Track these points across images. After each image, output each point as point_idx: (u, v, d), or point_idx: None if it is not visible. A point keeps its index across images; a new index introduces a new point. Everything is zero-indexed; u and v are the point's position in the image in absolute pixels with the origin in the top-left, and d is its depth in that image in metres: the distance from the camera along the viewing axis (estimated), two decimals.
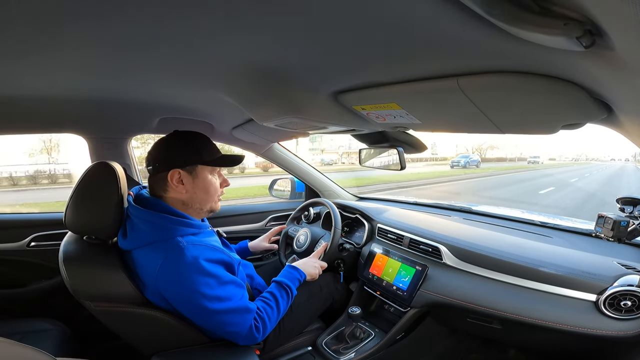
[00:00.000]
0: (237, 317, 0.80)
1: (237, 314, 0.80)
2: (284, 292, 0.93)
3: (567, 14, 0.32)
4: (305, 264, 1.07)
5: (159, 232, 0.79)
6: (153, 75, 0.76)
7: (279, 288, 0.94)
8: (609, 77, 0.44)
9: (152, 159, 0.85)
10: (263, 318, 0.85)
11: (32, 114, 1.06)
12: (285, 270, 1.01)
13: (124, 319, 0.79)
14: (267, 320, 0.86)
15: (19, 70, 0.70)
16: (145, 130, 1.38)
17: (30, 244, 1.31)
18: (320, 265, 1.10)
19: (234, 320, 0.80)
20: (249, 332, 0.82)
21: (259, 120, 0.95)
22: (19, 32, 0.50)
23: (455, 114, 0.72)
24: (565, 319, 0.84)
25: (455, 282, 1.05)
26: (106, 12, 0.44)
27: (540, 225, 1.26)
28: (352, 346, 1.14)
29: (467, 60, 0.51)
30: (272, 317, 0.88)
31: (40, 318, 1.16)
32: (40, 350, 0.44)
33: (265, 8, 0.42)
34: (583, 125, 0.62)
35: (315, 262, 1.11)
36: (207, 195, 0.88)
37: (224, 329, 0.80)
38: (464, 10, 0.34)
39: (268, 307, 0.88)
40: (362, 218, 1.48)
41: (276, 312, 0.89)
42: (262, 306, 0.87)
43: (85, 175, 0.83)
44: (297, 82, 0.72)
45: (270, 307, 0.89)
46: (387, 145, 1.19)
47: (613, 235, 0.77)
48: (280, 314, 0.91)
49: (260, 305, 0.87)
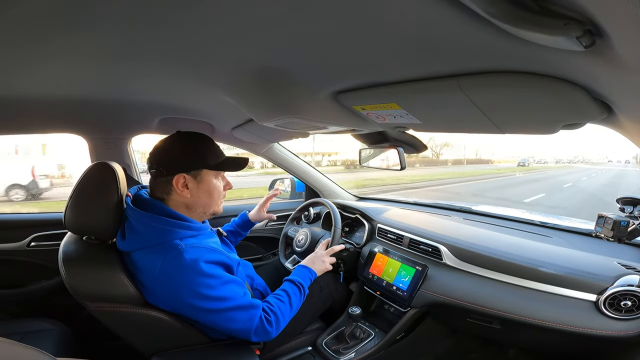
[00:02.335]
0: (243, 313, 0.80)
1: (243, 310, 0.80)
2: (296, 290, 0.94)
3: (567, 13, 0.32)
4: (313, 261, 1.07)
5: (157, 235, 0.79)
6: (153, 76, 0.76)
7: (291, 285, 0.95)
8: (609, 77, 0.44)
9: (156, 161, 0.83)
10: (276, 312, 0.85)
11: (32, 114, 1.06)
12: (296, 270, 1.02)
13: (124, 319, 0.79)
14: (280, 315, 0.86)
15: (19, 71, 0.70)
16: (145, 130, 1.38)
17: (30, 244, 1.31)
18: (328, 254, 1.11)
19: (241, 317, 0.80)
20: (260, 327, 0.82)
21: (259, 120, 0.95)
22: (19, 32, 0.50)
23: (455, 114, 0.72)
24: (566, 319, 0.84)
25: (455, 282, 1.05)
26: (106, 12, 0.44)
27: (540, 225, 1.26)
28: (352, 346, 1.14)
29: (467, 60, 0.51)
30: (285, 312, 0.88)
31: (40, 318, 1.16)
32: (41, 350, 0.44)
33: (265, 8, 0.42)
34: (583, 125, 0.62)
35: (322, 257, 1.10)
36: (211, 200, 0.87)
37: (231, 327, 0.80)
38: (464, 10, 0.34)
39: (281, 303, 0.89)
40: (362, 218, 1.48)
41: (289, 307, 0.90)
42: (275, 302, 0.88)
43: (85, 175, 0.83)
44: (297, 82, 0.72)
45: (283, 302, 0.89)
46: (387, 145, 1.19)
47: (613, 235, 0.77)
48: (293, 311, 0.92)
49: (273, 301, 0.88)
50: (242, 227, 1.29)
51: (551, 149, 71.33)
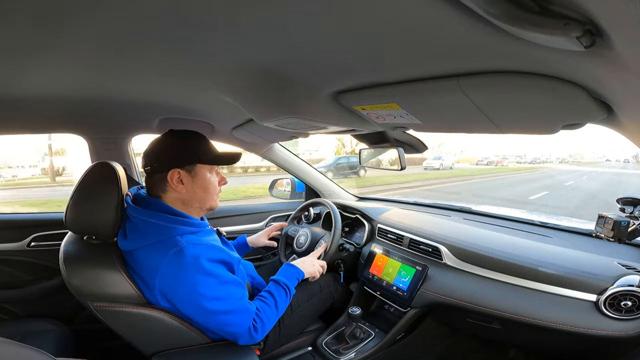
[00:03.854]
0: (236, 317, 0.80)
1: (236, 314, 0.80)
2: (282, 291, 0.93)
3: (567, 13, 0.32)
4: (304, 262, 1.06)
5: (158, 231, 0.79)
6: (153, 75, 0.76)
7: (277, 287, 0.93)
8: (609, 77, 0.44)
9: (150, 159, 0.84)
10: (262, 318, 0.85)
11: (32, 114, 1.06)
12: (283, 269, 1.00)
13: (124, 319, 0.79)
14: (266, 319, 0.86)
15: (19, 71, 0.70)
16: (145, 130, 1.38)
17: (30, 244, 1.31)
18: (320, 265, 1.09)
19: (233, 321, 0.80)
20: (248, 333, 0.82)
21: (259, 120, 0.95)
22: (19, 32, 0.50)
23: (455, 114, 0.72)
24: (566, 319, 0.83)
25: (455, 282, 1.05)
26: (106, 12, 0.44)
27: (540, 225, 1.26)
28: (352, 346, 1.14)
29: (467, 60, 0.51)
30: (271, 316, 0.87)
31: (40, 318, 1.17)
32: (41, 350, 0.44)
33: (265, 8, 0.42)
34: (583, 125, 0.62)
35: (314, 261, 1.09)
36: (207, 194, 0.88)
37: (223, 328, 0.81)
38: (464, 10, 0.34)
39: (266, 307, 0.88)
40: (362, 218, 1.48)
41: (274, 311, 0.89)
42: (260, 306, 0.87)
43: (86, 175, 0.83)
44: (297, 82, 0.72)
45: (269, 306, 0.88)
46: (387, 145, 1.19)
47: (613, 235, 0.77)
48: (279, 313, 0.90)
49: (259, 305, 0.87)
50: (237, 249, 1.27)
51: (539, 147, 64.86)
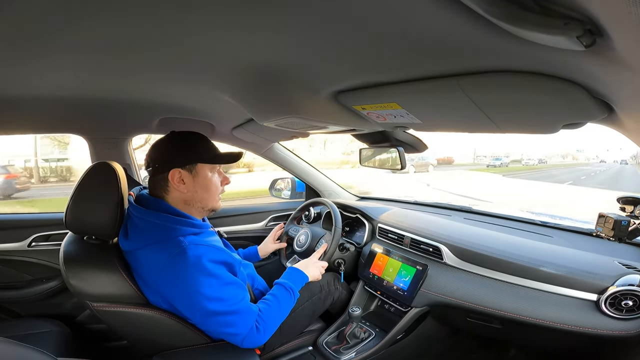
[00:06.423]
0: (237, 318, 0.80)
1: (237, 315, 0.80)
2: (286, 294, 0.92)
3: (567, 13, 0.31)
4: (307, 265, 1.06)
5: (160, 232, 0.79)
6: (153, 75, 0.76)
7: (281, 290, 0.93)
8: (609, 76, 0.44)
9: (151, 160, 0.85)
10: (265, 320, 0.84)
11: (32, 114, 1.06)
12: (287, 272, 1.00)
13: (125, 319, 0.79)
14: (270, 321, 0.85)
15: (19, 71, 0.70)
16: (145, 130, 1.38)
17: (31, 244, 1.31)
18: (321, 266, 1.10)
19: (234, 322, 0.79)
20: (249, 334, 0.81)
21: (259, 120, 0.95)
22: (19, 32, 0.50)
23: (455, 113, 0.72)
24: (566, 319, 0.83)
25: (455, 281, 1.05)
26: (106, 12, 0.44)
27: (541, 224, 1.26)
28: (353, 346, 1.14)
29: (467, 60, 0.51)
30: (275, 319, 0.87)
31: (41, 318, 1.17)
32: (41, 350, 0.44)
33: (265, 8, 0.42)
34: (584, 124, 0.62)
35: (317, 263, 1.10)
36: (208, 194, 0.88)
37: (223, 330, 0.80)
38: (464, 9, 0.34)
39: (271, 309, 0.87)
40: (363, 218, 1.48)
41: (278, 314, 0.88)
42: (264, 308, 0.86)
43: (86, 175, 0.83)
44: (297, 82, 0.72)
45: (273, 309, 0.87)
46: (388, 145, 1.19)
47: (614, 234, 0.77)
48: (283, 316, 0.90)
49: (263, 307, 0.86)
50: (247, 257, 1.31)
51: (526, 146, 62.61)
